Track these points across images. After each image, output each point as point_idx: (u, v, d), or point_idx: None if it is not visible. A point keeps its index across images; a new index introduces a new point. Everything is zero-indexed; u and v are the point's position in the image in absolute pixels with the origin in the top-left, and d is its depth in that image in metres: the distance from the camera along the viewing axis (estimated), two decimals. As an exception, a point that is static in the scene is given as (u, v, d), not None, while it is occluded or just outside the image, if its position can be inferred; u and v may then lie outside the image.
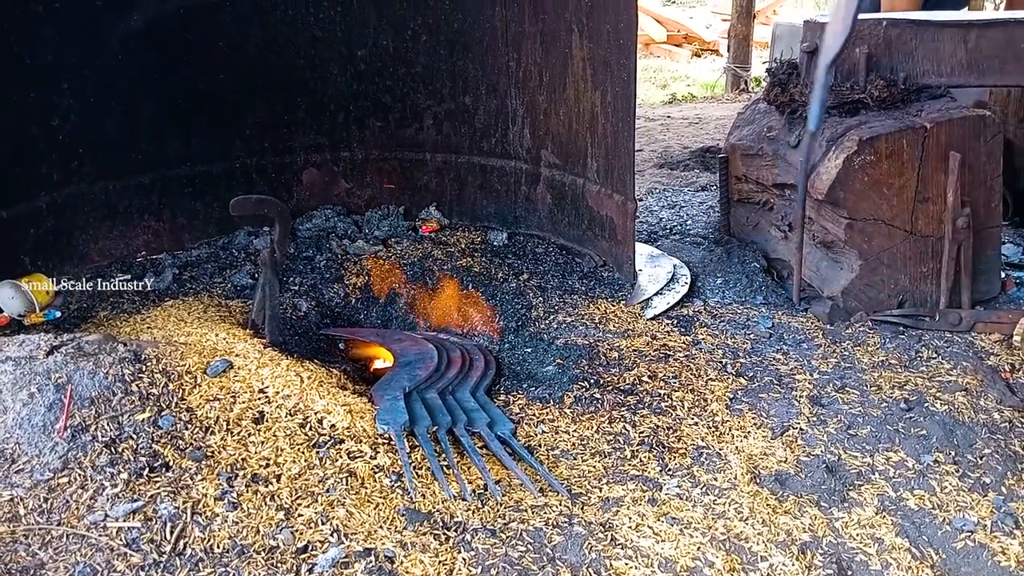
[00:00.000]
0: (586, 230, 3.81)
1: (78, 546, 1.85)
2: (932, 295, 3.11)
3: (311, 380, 2.43)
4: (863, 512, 2.10)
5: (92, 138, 3.53)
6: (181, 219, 3.89)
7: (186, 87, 3.77)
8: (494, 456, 2.29)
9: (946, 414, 2.49)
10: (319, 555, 1.85)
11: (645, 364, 2.84)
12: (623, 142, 3.42)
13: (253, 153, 4.06)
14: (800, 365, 2.83)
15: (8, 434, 2.07)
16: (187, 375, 2.30)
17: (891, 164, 2.97)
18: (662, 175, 5.49)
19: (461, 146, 4.21)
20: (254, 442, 2.15)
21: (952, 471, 2.25)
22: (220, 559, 1.83)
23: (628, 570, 1.87)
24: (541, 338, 3.14)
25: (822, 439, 2.41)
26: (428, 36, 4.04)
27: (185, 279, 3.55)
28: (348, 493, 2.04)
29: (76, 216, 3.54)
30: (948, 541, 2.01)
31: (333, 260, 3.73)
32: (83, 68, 3.42)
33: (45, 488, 1.97)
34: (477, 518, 2.02)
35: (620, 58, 3.31)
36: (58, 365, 2.19)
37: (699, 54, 13.18)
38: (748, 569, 1.89)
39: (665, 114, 8.17)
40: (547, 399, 2.66)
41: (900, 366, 2.80)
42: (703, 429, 2.47)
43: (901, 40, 3.18)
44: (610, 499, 2.14)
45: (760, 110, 3.70)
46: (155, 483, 2.00)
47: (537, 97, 3.88)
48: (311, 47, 4.02)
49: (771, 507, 2.10)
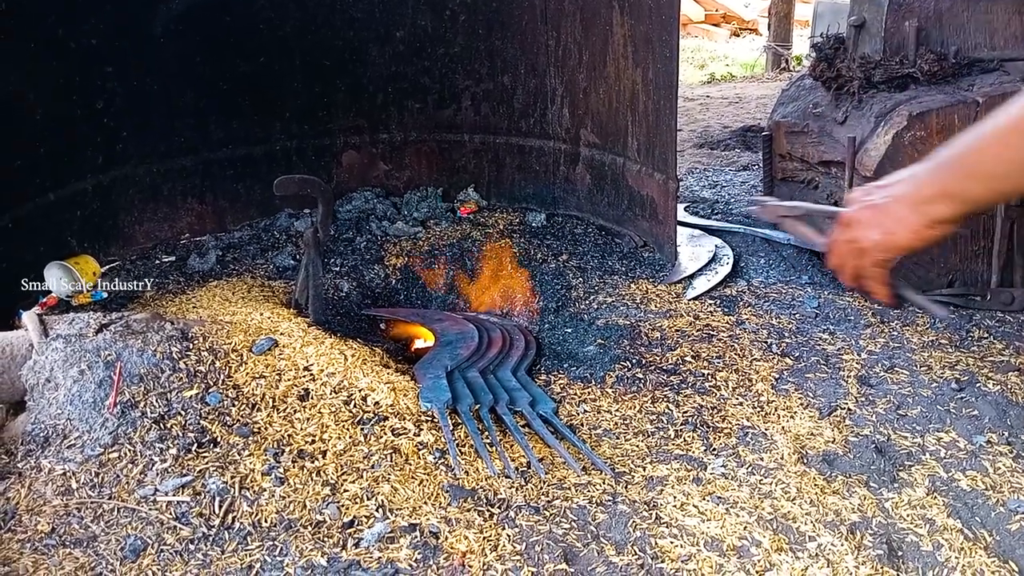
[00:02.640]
0: (626, 210, 3.78)
1: (129, 519, 1.88)
2: (983, 274, 3.03)
3: (355, 358, 2.44)
4: (914, 493, 2.06)
5: (135, 121, 3.57)
6: (223, 201, 3.93)
7: (227, 70, 3.80)
8: (536, 434, 2.28)
9: (999, 394, 2.43)
10: (365, 530, 1.86)
11: (688, 344, 2.81)
12: (665, 120, 3.37)
13: (293, 136, 4.08)
14: (847, 345, 2.78)
15: (60, 410, 2.11)
16: (233, 353, 2.32)
17: (942, 139, 2.89)
18: (702, 155, 5.43)
19: (499, 127, 4.19)
20: (300, 419, 2.17)
21: (1005, 452, 2.20)
22: (268, 533, 1.85)
23: (673, 548, 1.86)
24: (581, 318, 3.12)
25: (871, 419, 2.36)
26: (466, 16, 4.03)
27: (228, 260, 3.59)
28: (393, 469, 2.05)
29: (121, 198, 3.60)
30: (1002, 522, 1.96)
31: (373, 241, 3.75)
32: (126, 52, 3.46)
33: (96, 463, 2.00)
34: (521, 495, 2.02)
35: (662, 34, 3.26)
36: (107, 343, 2.22)
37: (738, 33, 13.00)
38: (796, 548, 1.86)
39: (704, 94, 8.06)
40: (588, 379, 2.65)
41: (951, 346, 2.74)
42: (748, 409, 2.44)
43: (952, 12, 3.09)
44: (654, 478, 2.12)
45: (805, 86, 3.62)
46: (203, 458, 2.03)
47: (576, 75, 3.85)
48: (349, 28, 4.02)
49: (819, 487, 2.07)
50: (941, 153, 1.22)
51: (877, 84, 3.11)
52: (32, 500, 1.94)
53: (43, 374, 2.17)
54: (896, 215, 1.24)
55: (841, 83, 3.29)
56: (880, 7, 3.13)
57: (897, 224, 1.24)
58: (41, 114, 3.21)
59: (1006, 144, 1.07)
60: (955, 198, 1.18)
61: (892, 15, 3.11)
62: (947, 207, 1.19)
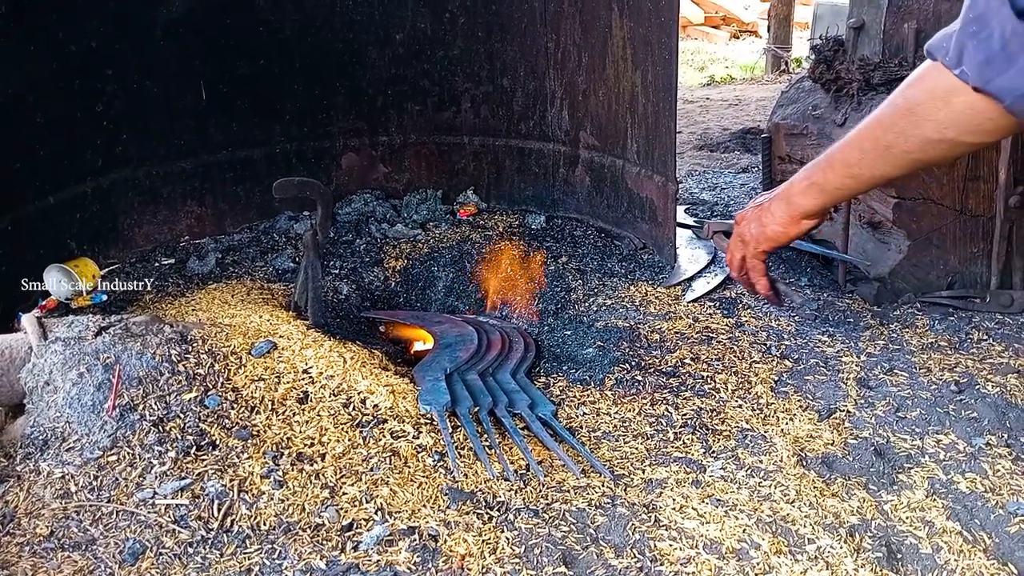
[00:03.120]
0: (625, 212, 3.78)
1: (128, 523, 1.88)
2: (983, 276, 3.03)
3: (354, 361, 2.44)
4: (913, 495, 2.06)
5: (135, 124, 3.58)
6: (223, 204, 3.93)
7: (226, 72, 3.81)
8: (536, 437, 2.28)
9: (998, 396, 2.43)
10: (364, 533, 1.86)
11: (687, 346, 2.81)
12: (664, 122, 3.37)
13: (293, 138, 4.09)
14: (847, 347, 2.78)
15: (59, 413, 2.11)
16: (232, 356, 2.33)
17: (941, 141, 2.90)
18: (702, 157, 5.43)
19: (499, 129, 4.19)
20: (299, 421, 2.17)
21: (1005, 454, 2.19)
22: (267, 536, 1.85)
23: (672, 551, 1.86)
24: (581, 320, 3.12)
25: (870, 422, 2.36)
26: (466, 18, 4.03)
27: (228, 263, 3.59)
28: (392, 472, 2.05)
29: (120, 201, 3.60)
30: (1001, 525, 1.96)
31: (372, 244, 3.75)
32: (126, 54, 3.46)
33: (95, 466, 2.00)
34: (520, 498, 2.02)
35: (661, 36, 3.27)
36: (106, 345, 2.22)
37: (737, 35, 13.01)
38: (795, 551, 1.86)
39: (704, 96, 8.07)
40: (588, 381, 2.65)
41: (950, 348, 2.74)
42: (747, 411, 2.44)
43: (952, 14, 3.05)
44: (653, 480, 2.12)
45: (805, 88, 3.63)
46: (202, 461, 2.03)
47: (576, 78, 3.85)
48: (349, 31, 4.03)
49: (818, 489, 2.07)
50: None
51: (876, 86, 3.11)
52: (31, 503, 1.94)
53: (42, 377, 2.17)
54: (771, 210, 1.44)
55: (840, 85, 3.29)
56: (879, 9, 3.13)
57: (771, 217, 1.45)
58: (41, 116, 3.21)
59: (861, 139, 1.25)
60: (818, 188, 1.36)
61: (891, 17, 3.11)
62: (812, 198, 1.38)
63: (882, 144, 1.23)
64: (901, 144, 1.21)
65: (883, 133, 1.23)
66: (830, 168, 1.33)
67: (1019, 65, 1.05)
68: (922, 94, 1.18)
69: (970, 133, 1.16)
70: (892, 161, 1.24)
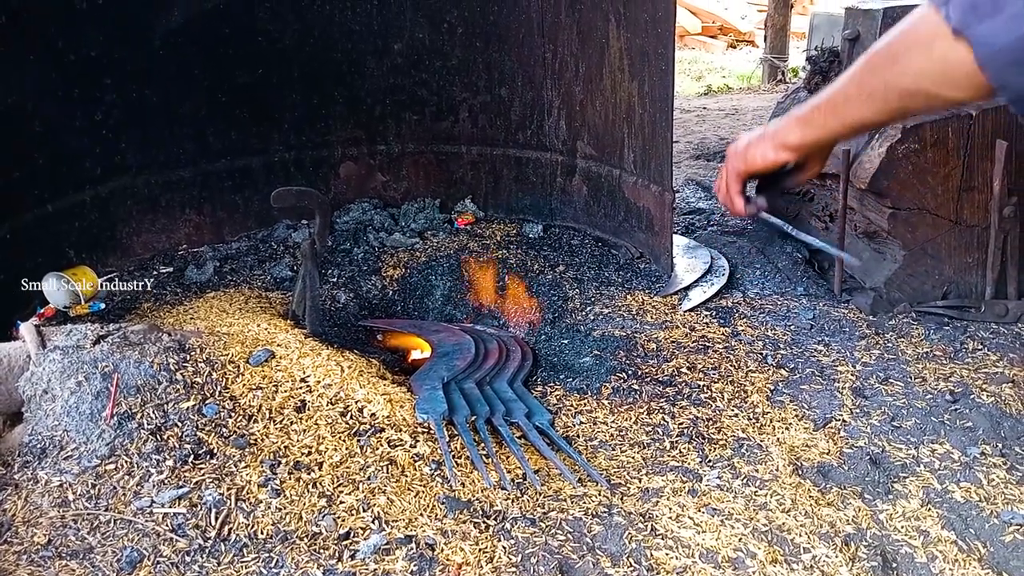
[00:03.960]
0: (622, 221, 3.79)
1: (125, 531, 1.88)
2: (977, 286, 3.05)
3: (351, 370, 2.45)
4: (908, 504, 2.07)
5: (134, 132, 3.59)
6: (221, 212, 3.94)
7: (225, 82, 3.82)
8: (532, 446, 2.29)
9: (993, 406, 2.44)
10: (361, 541, 1.87)
11: (684, 355, 2.82)
12: (661, 132, 3.39)
13: (291, 147, 4.10)
14: (842, 357, 2.79)
15: (57, 421, 2.11)
16: (230, 364, 2.33)
17: (936, 152, 2.92)
18: (698, 166, 5.45)
19: (496, 138, 4.21)
20: (296, 430, 2.18)
21: (999, 464, 2.21)
22: (264, 545, 1.86)
23: (669, 560, 1.86)
24: (578, 329, 3.13)
25: (865, 431, 2.37)
26: (464, 29, 4.05)
27: (226, 271, 3.60)
28: (389, 481, 2.05)
29: (119, 209, 3.61)
30: (996, 534, 1.97)
31: (370, 252, 3.76)
32: (125, 63, 3.48)
33: (93, 474, 2.01)
34: (516, 507, 2.03)
35: (658, 47, 3.28)
36: (104, 354, 2.23)
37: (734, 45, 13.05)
38: (791, 560, 1.87)
39: (701, 105, 8.10)
40: (584, 390, 2.66)
41: (945, 357, 2.75)
42: (743, 421, 2.44)
43: (946, 26, 3.11)
44: (650, 490, 2.13)
45: (800, 99, 3.64)
46: (200, 470, 2.03)
47: (573, 88, 3.87)
48: (348, 40, 4.04)
49: (814, 499, 2.08)
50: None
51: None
52: (29, 512, 1.94)
53: (40, 385, 2.18)
54: (758, 141, 1.51)
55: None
56: (874, 21, 3.15)
57: (755, 147, 1.51)
58: (39, 125, 3.22)
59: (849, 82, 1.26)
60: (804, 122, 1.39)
61: (886, 29, 3.12)
62: (796, 130, 1.41)
63: (866, 91, 1.22)
64: (881, 92, 1.19)
65: (869, 78, 1.21)
66: (817, 107, 1.34)
67: (1006, 14, 0.95)
68: (908, 36, 1.12)
69: (944, 85, 1.08)
70: (873, 107, 1.22)
